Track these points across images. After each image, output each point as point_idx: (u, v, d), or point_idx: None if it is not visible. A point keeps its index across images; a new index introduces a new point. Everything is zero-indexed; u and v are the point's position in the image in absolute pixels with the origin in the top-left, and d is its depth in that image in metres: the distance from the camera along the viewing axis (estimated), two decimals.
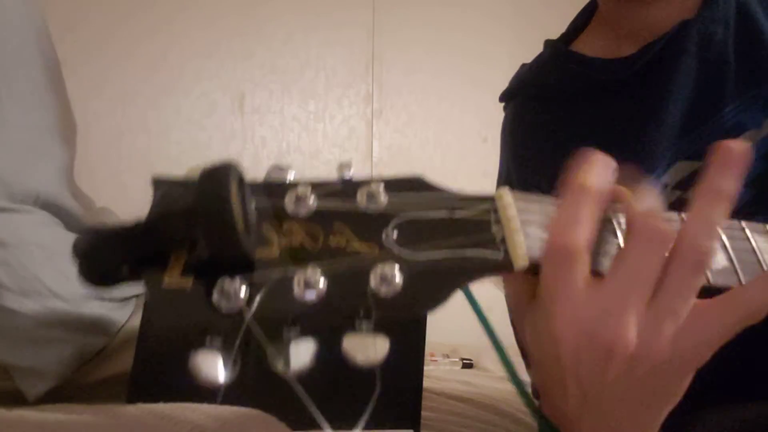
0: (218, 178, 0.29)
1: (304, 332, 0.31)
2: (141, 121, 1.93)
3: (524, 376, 0.68)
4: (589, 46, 0.71)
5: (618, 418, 0.36)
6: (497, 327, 0.39)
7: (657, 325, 0.34)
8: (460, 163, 2.13)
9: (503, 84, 0.81)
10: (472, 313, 0.38)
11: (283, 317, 0.31)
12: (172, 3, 1.98)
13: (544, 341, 0.36)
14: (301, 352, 0.30)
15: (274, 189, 0.33)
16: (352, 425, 0.32)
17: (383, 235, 0.33)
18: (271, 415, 0.44)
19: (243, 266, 0.30)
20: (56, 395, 0.58)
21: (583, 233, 0.34)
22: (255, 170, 0.34)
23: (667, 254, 0.34)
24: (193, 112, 1.98)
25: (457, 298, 0.38)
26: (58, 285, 0.60)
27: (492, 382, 1.08)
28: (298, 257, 0.32)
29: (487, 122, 2.12)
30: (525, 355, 0.68)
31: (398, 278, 0.31)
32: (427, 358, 0.64)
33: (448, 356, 1.50)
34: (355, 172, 0.35)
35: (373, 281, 0.31)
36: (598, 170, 0.35)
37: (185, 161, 2.03)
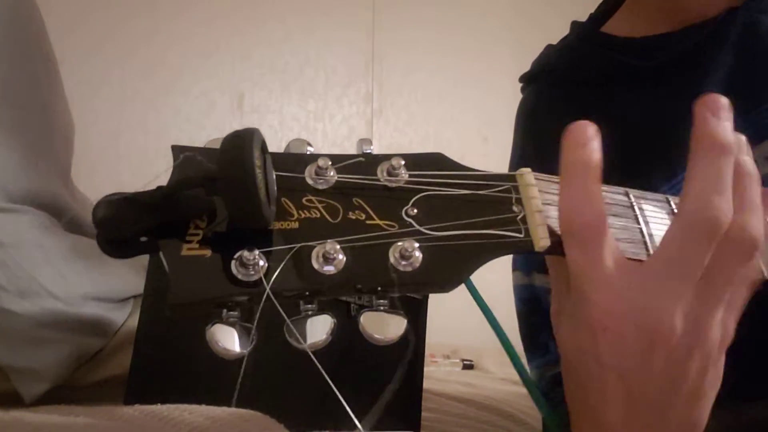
0: (242, 145, 0.28)
1: (322, 306, 0.31)
2: (140, 120, 1.93)
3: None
4: (620, 29, 0.67)
5: (670, 416, 0.33)
6: (501, 322, 0.38)
7: (706, 313, 0.32)
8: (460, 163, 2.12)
9: (503, 83, 0.80)
10: (473, 314, 0.38)
11: (301, 291, 0.30)
12: (172, 3, 1.98)
13: (581, 335, 0.33)
14: (318, 328, 0.30)
15: (295, 161, 0.33)
16: (353, 426, 0.32)
17: (403, 212, 0.33)
18: (269, 417, 0.43)
19: (262, 236, 0.30)
20: (53, 396, 0.58)
21: (601, 207, 0.32)
22: None
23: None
24: (192, 111, 1.98)
25: (458, 298, 0.37)
26: (56, 285, 0.59)
27: (493, 383, 1.08)
28: (317, 231, 0.31)
29: (488, 122, 2.12)
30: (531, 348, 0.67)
31: (418, 255, 0.31)
32: (427, 359, 0.64)
33: (448, 357, 1.50)
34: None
35: (392, 257, 0.31)
36: (591, 142, 0.33)
37: None
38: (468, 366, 1.46)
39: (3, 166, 0.63)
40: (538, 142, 0.69)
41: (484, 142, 2.13)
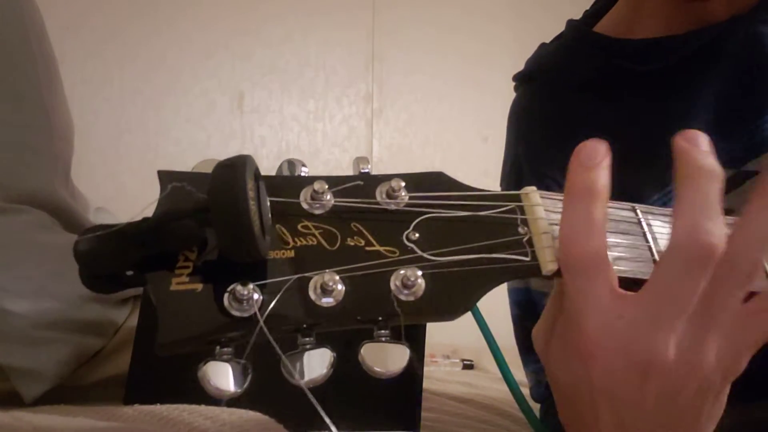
0: (234, 174, 0.26)
1: (320, 340, 0.29)
2: (140, 120, 1.93)
3: (521, 377, 0.68)
4: (618, 27, 0.66)
5: None
6: (495, 330, 0.38)
7: (700, 339, 0.32)
8: (460, 163, 2.12)
9: (503, 84, 0.80)
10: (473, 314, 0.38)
11: (298, 325, 0.29)
12: (172, 3, 1.98)
13: (573, 361, 0.33)
14: (317, 362, 0.29)
15: (289, 184, 0.32)
16: (354, 426, 0.31)
17: (404, 236, 0.31)
18: (269, 418, 0.43)
19: (256, 267, 0.29)
20: (53, 396, 0.58)
21: (601, 239, 0.31)
22: None
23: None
24: (192, 111, 1.98)
25: None
26: (55, 285, 0.59)
27: (492, 383, 1.08)
28: (314, 260, 0.30)
29: (488, 122, 2.12)
30: (526, 353, 0.67)
31: (420, 283, 0.30)
32: (427, 359, 0.64)
33: (448, 357, 1.50)
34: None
35: (394, 285, 0.30)
36: (600, 166, 0.32)
37: (184, 161, 2.02)
38: (468, 366, 1.46)
39: (3, 166, 0.63)
40: (528, 143, 0.68)
41: (484, 142, 2.13)
